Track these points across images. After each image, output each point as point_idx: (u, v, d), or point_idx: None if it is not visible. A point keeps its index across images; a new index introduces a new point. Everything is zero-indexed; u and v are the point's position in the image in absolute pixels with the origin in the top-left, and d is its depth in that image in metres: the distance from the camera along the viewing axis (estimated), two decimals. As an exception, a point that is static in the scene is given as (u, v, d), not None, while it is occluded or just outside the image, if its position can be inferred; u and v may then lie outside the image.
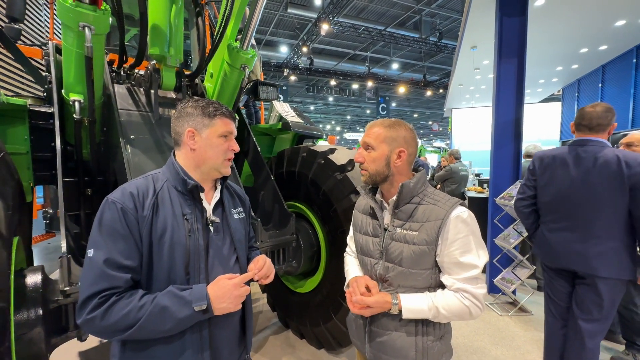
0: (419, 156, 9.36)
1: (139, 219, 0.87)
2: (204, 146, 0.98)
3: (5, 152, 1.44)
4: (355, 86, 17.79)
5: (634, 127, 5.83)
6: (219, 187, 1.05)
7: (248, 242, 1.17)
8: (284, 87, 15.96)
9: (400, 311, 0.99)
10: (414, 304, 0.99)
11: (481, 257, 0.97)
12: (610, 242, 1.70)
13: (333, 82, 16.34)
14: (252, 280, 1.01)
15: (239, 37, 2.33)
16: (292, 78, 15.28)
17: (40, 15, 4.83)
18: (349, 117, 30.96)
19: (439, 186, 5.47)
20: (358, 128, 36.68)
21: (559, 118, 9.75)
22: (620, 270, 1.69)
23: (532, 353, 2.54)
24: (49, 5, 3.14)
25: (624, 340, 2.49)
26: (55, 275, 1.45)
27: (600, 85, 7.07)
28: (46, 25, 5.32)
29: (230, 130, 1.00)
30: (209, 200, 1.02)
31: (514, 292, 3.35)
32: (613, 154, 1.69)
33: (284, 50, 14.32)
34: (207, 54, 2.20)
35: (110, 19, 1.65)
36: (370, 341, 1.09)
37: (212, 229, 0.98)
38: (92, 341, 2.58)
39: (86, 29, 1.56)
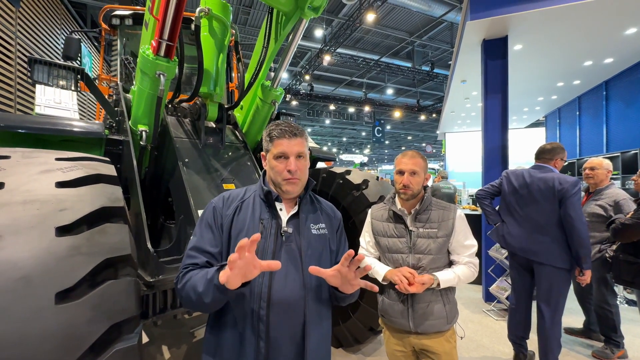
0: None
1: (223, 215, 1.07)
2: (268, 168, 1.12)
3: None
4: (352, 110, 18.62)
5: (608, 151, 6.46)
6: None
7: (335, 259, 1.17)
8: (297, 115, 16.64)
9: (439, 284, 1.41)
10: (446, 277, 1.43)
11: (474, 240, 1.53)
12: (547, 237, 2.26)
13: (332, 107, 17.12)
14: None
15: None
16: (294, 103, 16.01)
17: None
18: (344, 139, 31.81)
19: None
20: (354, 149, 37.57)
21: (544, 142, 10.44)
22: (554, 259, 2.23)
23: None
24: (100, 49, 3.62)
25: (602, 337, 2.84)
26: None
27: (577, 113, 7.79)
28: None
29: (282, 152, 1.06)
30: (289, 212, 1.11)
31: (507, 298, 3.69)
32: (552, 175, 2.30)
33: (284, 76, 15.13)
34: (244, 91, 2.65)
35: None
36: (415, 314, 1.47)
37: (284, 237, 1.06)
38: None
39: (161, 76, 1.99)
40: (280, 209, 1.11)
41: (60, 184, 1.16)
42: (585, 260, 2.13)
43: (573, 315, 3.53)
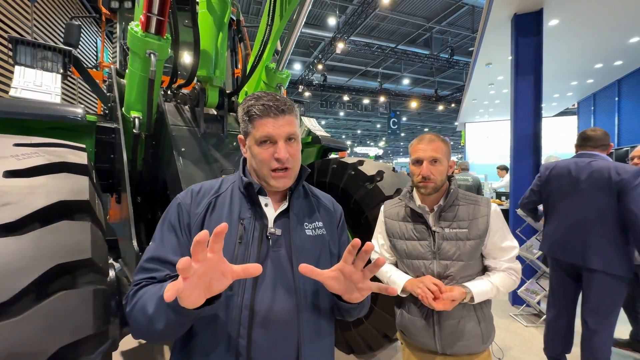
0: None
1: (192, 214, 0.84)
2: (249, 156, 0.88)
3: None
4: (366, 101, 18.13)
5: (653, 140, 5.82)
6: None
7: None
8: (306, 102, 16.46)
9: (472, 297, 1.14)
10: (480, 288, 1.15)
11: (514, 240, 1.23)
12: (601, 238, 1.91)
13: (346, 98, 16.71)
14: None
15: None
16: (307, 94, 15.73)
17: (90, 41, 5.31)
18: (359, 132, 31.28)
19: None
20: (368, 142, 36.95)
21: (575, 131, 9.73)
22: (609, 265, 1.88)
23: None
24: (100, 34, 3.48)
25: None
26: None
27: (616, 98, 7.10)
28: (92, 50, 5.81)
29: (267, 135, 0.81)
30: (276, 208, 0.88)
31: (538, 302, 3.35)
32: (605, 164, 1.96)
33: (297, 67, 14.83)
34: (247, 75, 2.42)
35: None
36: (442, 333, 1.20)
37: (270, 241, 0.83)
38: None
39: (152, 56, 1.79)
40: (266, 205, 0.88)
41: (10, 174, 0.96)
42: None
43: (618, 324, 3.14)
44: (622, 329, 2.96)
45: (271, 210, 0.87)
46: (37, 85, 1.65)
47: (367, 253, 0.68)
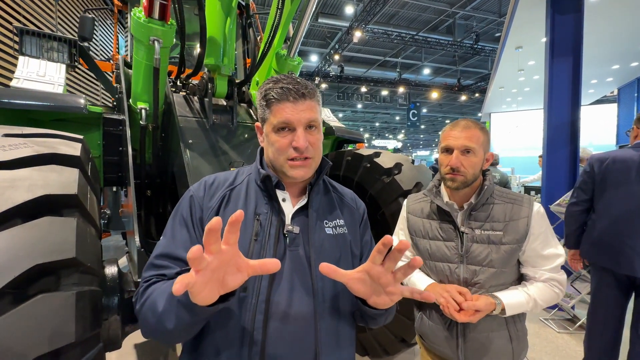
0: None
1: (204, 208, 0.79)
2: (266, 145, 0.81)
3: (92, 157, 1.61)
4: (385, 93, 17.66)
5: None
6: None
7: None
8: (321, 92, 16.32)
9: (503, 309, 0.99)
10: (514, 300, 1.00)
11: (559, 246, 1.03)
12: None
13: (364, 89, 16.35)
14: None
15: (285, 45, 2.43)
16: (323, 86, 15.52)
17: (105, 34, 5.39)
18: (377, 124, 30.70)
19: None
20: (387, 135, 36.23)
21: (614, 121, 8.95)
22: None
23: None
24: (113, 26, 3.48)
25: None
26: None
27: (664, 84, 6.43)
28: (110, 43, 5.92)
29: (285, 122, 0.74)
30: (294, 204, 0.82)
31: (572, 307, 3.07)
32: None
33: (314, 59, 14.61)
34: (257, 62, 2.31)
35: None
36: (466, 346, 1.06)
37: (287, 239, 0.78)
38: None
39: (155, 43, 1.71)
40: (283, 200, 0.82)
41: None
42: None
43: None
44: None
45: (289, 205, 0.81)
46: (40, 75, 1.61)
47: (400, 252, 0.61)
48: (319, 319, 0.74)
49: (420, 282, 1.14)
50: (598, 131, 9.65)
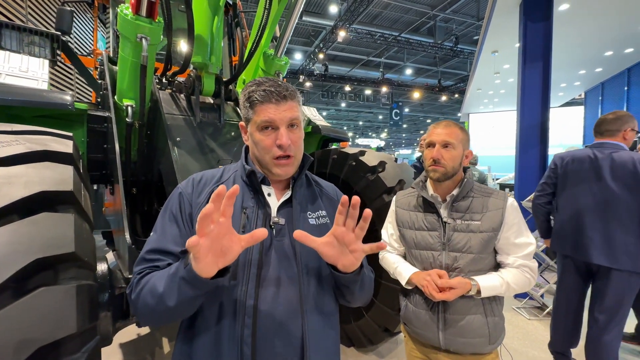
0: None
1: (193, 204, 0.83)
2: (251, 144, 0.86)
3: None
4: (368, 92, 17.88)
5: (663, 130, 5.68)
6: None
7: None
8: (306, 92, 16.28)
9: (479, 291, 1.08)
10: (489, 282, 1.10)
11: (530, 236, 1.16)
12: (629, 236, 1.79)
13: (347, 88, 16.48)
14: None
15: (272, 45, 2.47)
16: (307, 84, 15.52)
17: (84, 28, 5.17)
18: (361, 123, 31.01)
19: None
20: (370, 133, 36.67)
21: (581, 122, 9.54)
22: (636, 264, 1.77)
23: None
24: (93, 20, 3.37)
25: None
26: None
27: (625, 88, 6.92)
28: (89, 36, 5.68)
29: (269, 121, 0.79)
30: (279, 197, 0.87)
31: (542, 295, 3.31)
32: (629, 155, 1.83)
33: (298, 57, 14.58)
34: (244, 61, 2.33)
35: None
36: (446, 328, 1.15)
37: (274, 230, 0.82)
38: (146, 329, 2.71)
39: (143, 40, 1.71)
40: (269, 194, 0.87)
41: None
42: None
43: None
44: (627, 322, 2.92)
45: (274, 199, 0.87)
46: (23, 70, 1.57)
47: (355, 209, 0.69)
48: (305, 301, 0.80)
49: (405, 271, 1.23)
50: (567, 132, 10.25)
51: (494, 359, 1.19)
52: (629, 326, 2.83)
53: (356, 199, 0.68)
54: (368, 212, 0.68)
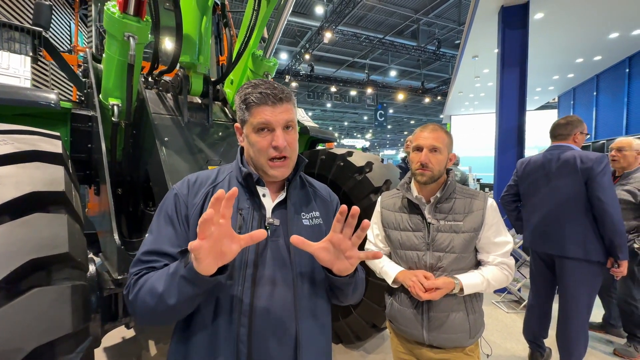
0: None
1: (189, 205, 0.84)
2: (247, 145, 0.87)
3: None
4: (354, 93, 18.06)
5: (628, 133, 6.09)
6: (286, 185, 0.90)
7: None
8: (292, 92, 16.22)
9: (462, 289, 1.14)
10: (471, 280, 1.16)
11: (508, 235, 1.23)
12: (578, 226, 1.96)
13: (333, 89, 16.58)
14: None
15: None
16: (293, 84, 15.49)
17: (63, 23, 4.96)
18: (346, 124, 31.24)
19: None
20: (355, 134, 37.00)
21: (555, 125, 10.04)
22: (586, 252, 1.94)
23: (540, 347, 2.66)
24: (74, 15, 3.26)
25: (625, 333, 2.62)
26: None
27: (595, 93, 7.35)
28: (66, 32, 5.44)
29: (265, 123, 0.80)
30: (274, 199, 0.88)
31: (519, 290, 3.48)
32: (572, 153, 2.01)
33: (284, 57, 14.54)
34: (232, 62, 2.33)
35: None
36: (430, 325, 1.20)
37: (269, 231, 0.83)
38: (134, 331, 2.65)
39: (131, 39, 1.69)
40: (264, 195, 0.87)
41: None
42: (621, 249, 1.85)
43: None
44: (595, 312, 3.12)
45: (269, 200, 0.87)
46: (4, 68, 1.52)
47: (354, 218, 0.70)
48: (298, 299, 0.82)
49: (391, 270, 1.27)
50: (542, 134, 10.76)
51: (474, 350, 1.25)
52: (597, 316, 3.04)
53: (356, 209, 0.69)
54: (366, 222, 0.69)
